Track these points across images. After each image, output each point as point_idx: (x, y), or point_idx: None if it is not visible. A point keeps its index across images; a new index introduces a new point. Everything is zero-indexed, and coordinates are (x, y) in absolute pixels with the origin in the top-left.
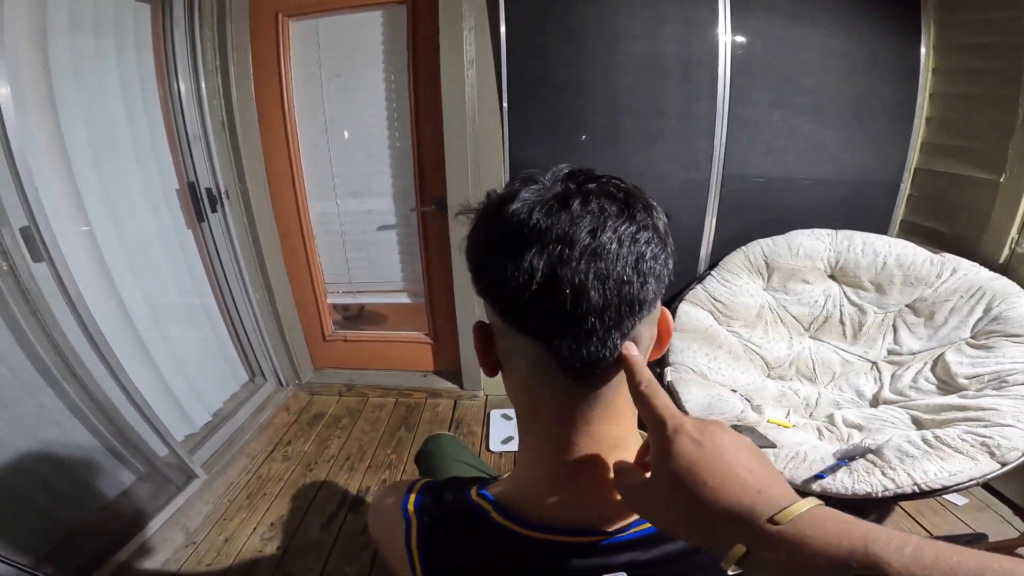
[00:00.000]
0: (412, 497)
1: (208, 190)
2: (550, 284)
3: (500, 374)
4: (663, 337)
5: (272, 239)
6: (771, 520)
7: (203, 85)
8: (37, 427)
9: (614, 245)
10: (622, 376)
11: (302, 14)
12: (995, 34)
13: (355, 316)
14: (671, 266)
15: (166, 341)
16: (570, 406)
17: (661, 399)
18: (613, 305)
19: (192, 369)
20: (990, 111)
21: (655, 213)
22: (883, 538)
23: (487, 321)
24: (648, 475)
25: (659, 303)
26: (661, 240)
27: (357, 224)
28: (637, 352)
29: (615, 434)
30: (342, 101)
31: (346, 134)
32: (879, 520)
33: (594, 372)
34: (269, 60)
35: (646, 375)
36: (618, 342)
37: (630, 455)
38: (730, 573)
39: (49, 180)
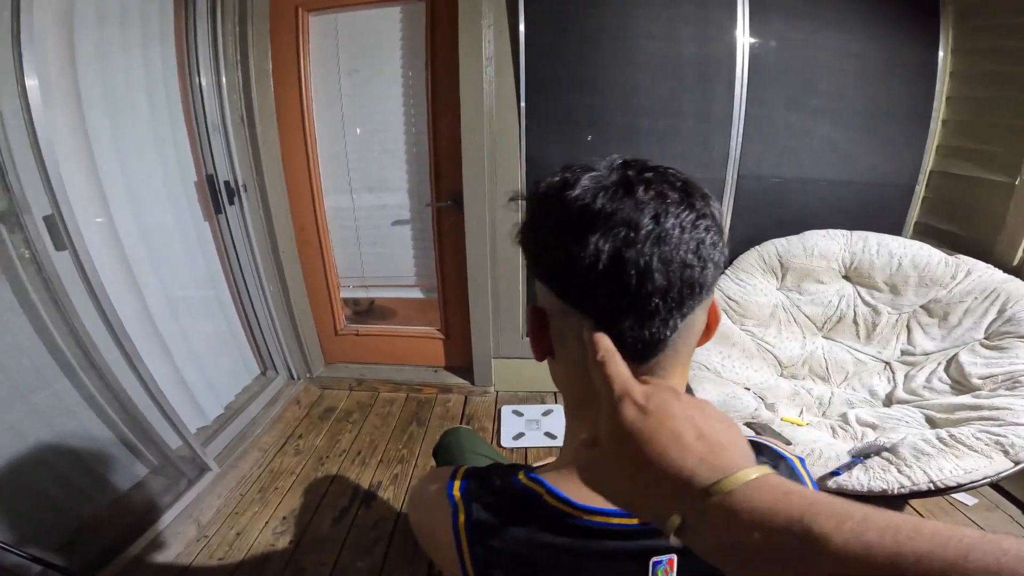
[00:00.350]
0: (457, 483)
1: (226, 182)
2: (616, 266)
3: (547, 360)
4: (711, 324)
5: (287, 232)
6: (707, 490)
7: (224, 78)
8: (53, 417)
9: (676, 231)
10: (676, 358)
11: (322, 9)
12: (1013, 38)
13: (365, 311)
14: (726, 253)
15: (181, 333)
16: None
17: (614, 367)
18: (676, 287)
19: (205, 361)
20: (1007, 114)
21: (711, 202)
22: (825, 511)
23: (541, 306)
24: (610, 398)
25: (714, 289)
26: (718, 228)
27: (371, 219)
28: (600, 333)
29: None
30: (359, 96)
31: (361, 130)
32: None
33: (654, 352)
34: (288, 54)
35: (604, 345)
36: (678, 323)
37: None
38: (672, 543)
39: (72, 170)
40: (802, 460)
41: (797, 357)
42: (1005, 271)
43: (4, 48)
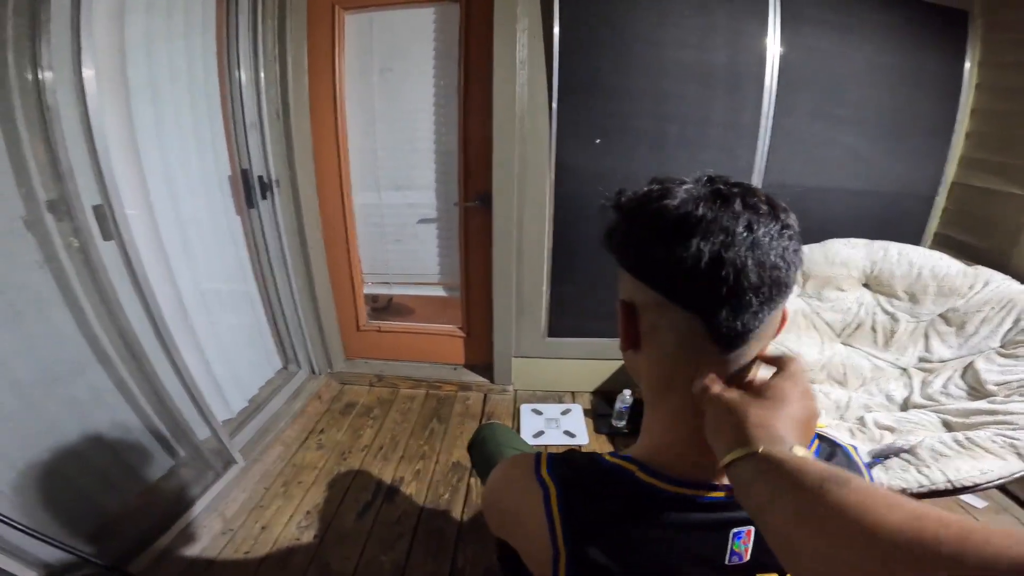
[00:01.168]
0: (544, 466)
1: (260, 177)
2: (717, 264)
3: (628, 352)
4: (782, 322)
5: (315, 228)
6: (761, 451)
7: (262, 74)
8: (87, 407)
9: (767, 239)
10: (761, 346)
11: (358, 7)
12: None
13: (383, 308)
14: (803, 259)
15: (211, 325)
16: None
17: (719, 388)
18: (767, 285)
19: (233, 354)
20: None
21: (791, 214)
22: (833, 477)
23: (631, 300)
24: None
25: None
26: (799, 237)
27: (398, 216)
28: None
29: None
30: (391, 95)
31: (392, 128)
32: None
33: (742, 342)
34: (324, 51)
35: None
36: (765, 316)
37: None
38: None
39: (119, 160)
40: (856, 448)
41: (815, 362)
42: (1022, 282)
43: (64, 39)
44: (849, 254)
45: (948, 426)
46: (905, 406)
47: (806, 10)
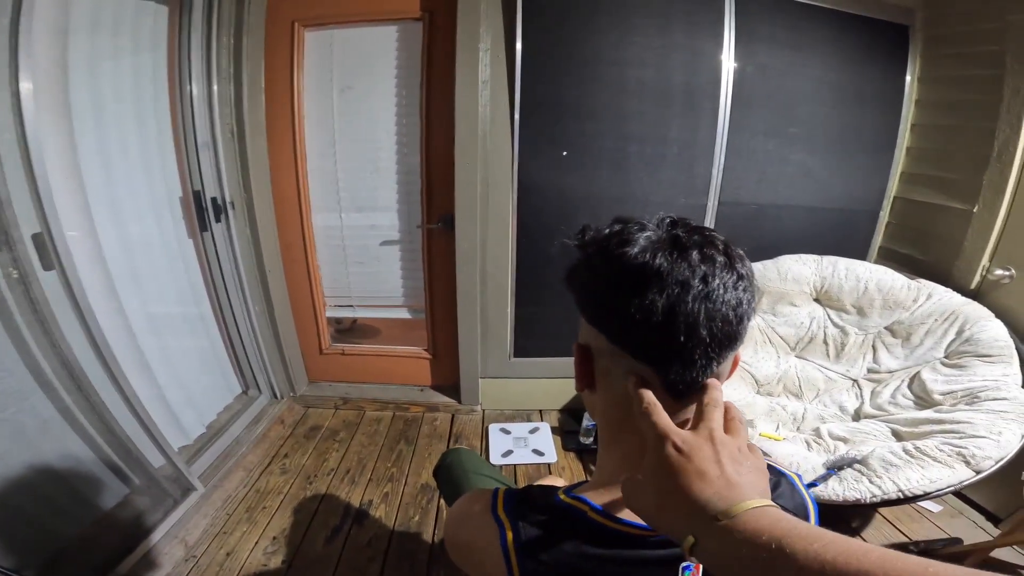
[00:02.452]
0: (500, 504)
1: (213, 199)
2: (670, 318)
3: (584, 392)
4: (733, 368)
5: (274, 250)
6: (715, 517)
7: (215, 91)
8: (34, 437)
9: (721, 290)
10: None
11: (318, 24)
12: (977, 67)
13: (347, 329)
14: (755, 308)
15: (163, 350)
16: None
17: (658, 416)
18: (716, 339)
19: (187, 379)
20: (967, 143)
21: (746, 263)
22: (801, 535)
23: (584, 343)
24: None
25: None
26: (752, 287)
27: (360, 238)
28: (643, 388)
29: None
30: (352, 114)
31: (353, 148)
32: (862, 526)
33: (692, 392)
34: (282, 69)
35: (648, 398)
36: (715, 368)
37: None
38: (687, 558)
39: (59, 184)
40: (800, 476)
41: (772, 375)
42: (963, 294)
43: (0, 57)
44: (800, 270)
45: (897, 435)
46: (857, 416)
47: (759, 28)
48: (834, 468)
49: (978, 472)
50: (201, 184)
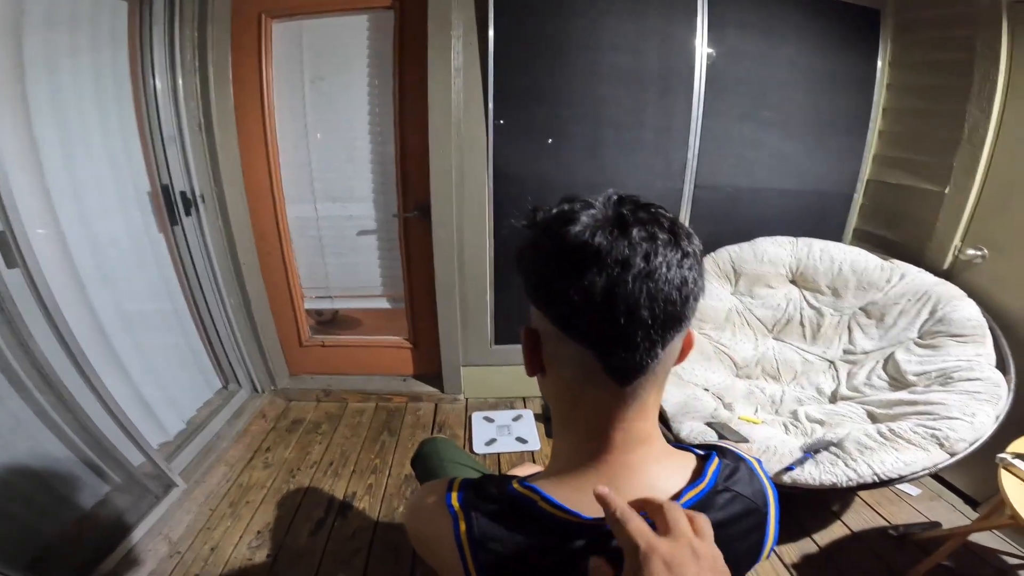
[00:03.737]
0: (455, 494)
1: (182, 193)
2: (608, 302)
3: (538, 376)
4: (686, 349)
5: (248, 243)
6: None
7: (180, 85)
8: (8, 437)
9: (663, 268)
10: (654, 380)
11: (286, 15)
12: (947, 51)
13: (328, 321)
14: (704, 287)
15: (137, 348)
16: (610, 406)
17: (635, 524)
18: (659, 321)
19: (164, 376)
20: (938, 126)
21: (694, 240)
22: None
23: (534, 327)
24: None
25: (692, 320)
26: (699, 265)
27: (336, 229)
28: (608, 489)
29: (644, 430)
30: (324, 105)
31: (326, 138)
32: (842, 510)
33: (636, 376)
34: (250, 61)
35: (619, 504)
36: (660, 352)
37: (653, 449)
38: None
39: (20, 182)
40: (759, 461)
41: (751, 358)
42: (936, 275)
43: None
44: (776, 252)
45: (873, 417)
46: (834, 398)
47: (730, 13)
48: (811, 451)
49: (952, 455)
50: (169, 178)
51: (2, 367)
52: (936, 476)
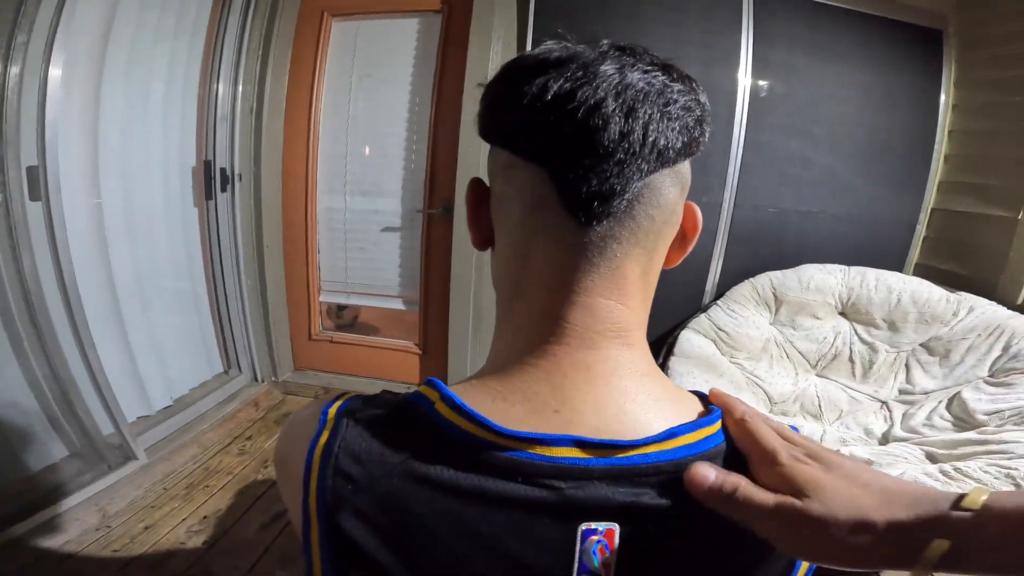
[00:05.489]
0: (339, 403)
1: (223, 169)
2: (566, 97)
3: (491, 252)
4: (688, 233)
5: (275, 227)
6: (960, 507)
7: (242, 70)
8: None
9: (642, 84)
10: (634, 238)
11: (347, 14)
12: (1016, 68)
13: (348, 325)
14: (706, 134)
15: (145, 317)
16: (567, 266)
17: (763, 427)
18: (634, 135)
19: (167, 351)
20: (1007, 146)
21: (696, 84)
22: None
23: (479, 178)
24: (779, 500)
25: (687, 165)
26: (699, 103)
27: (362, 223)
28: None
29: (617, 316)
30: (367, 101)
31: (364, 133)
32: None
33: (606, 210)
34: (307, 54)
35: (744, 408)
36: (635, 181)
37: (635, 354)
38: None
39: (72, 130)
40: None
41: (788, 394)
42: (1009, 308)
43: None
44: (824, 280)
45: (933, 458)
46: (884, 440)
47: (776, 26)
48: None
49: None
50: (213, 154)
51: None
52: None
